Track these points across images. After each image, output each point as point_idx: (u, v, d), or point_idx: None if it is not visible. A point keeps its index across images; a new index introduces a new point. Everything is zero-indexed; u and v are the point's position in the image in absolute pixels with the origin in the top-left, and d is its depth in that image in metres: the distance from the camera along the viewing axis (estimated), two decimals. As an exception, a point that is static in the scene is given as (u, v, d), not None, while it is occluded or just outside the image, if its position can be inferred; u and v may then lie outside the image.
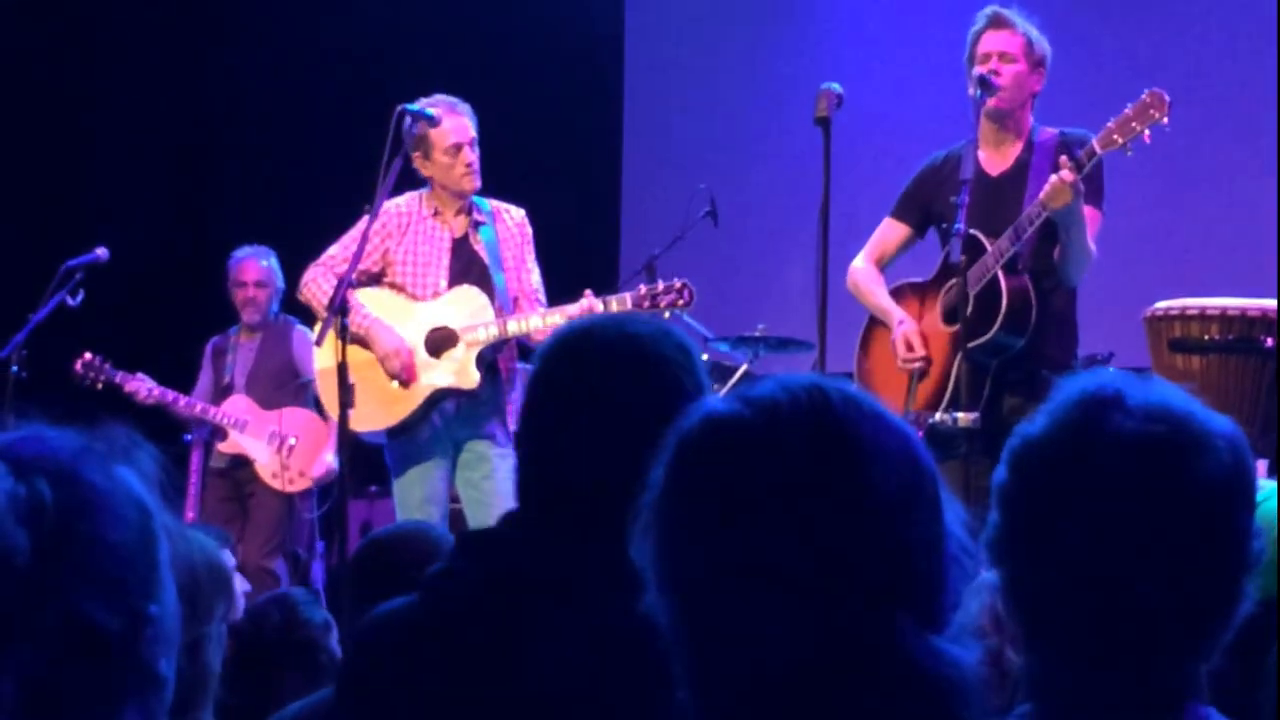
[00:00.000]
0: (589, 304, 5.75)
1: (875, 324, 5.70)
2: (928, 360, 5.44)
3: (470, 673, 2.02)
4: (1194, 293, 5.58)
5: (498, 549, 2.13)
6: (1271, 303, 5.40)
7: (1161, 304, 5.53)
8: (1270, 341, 5.30)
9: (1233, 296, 5.48)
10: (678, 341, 2.18)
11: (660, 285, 5.92)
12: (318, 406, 7.04)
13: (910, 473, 1.48)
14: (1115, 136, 5.11)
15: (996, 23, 5.37)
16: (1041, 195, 5.13)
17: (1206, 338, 5.38)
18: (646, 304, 5.84)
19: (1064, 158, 5.12)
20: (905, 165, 5.81)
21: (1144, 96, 5.11)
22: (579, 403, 2.11)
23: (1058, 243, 5.30)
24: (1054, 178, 5.10)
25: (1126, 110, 5.12)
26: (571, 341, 2.17)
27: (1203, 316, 5.41)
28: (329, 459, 7.46)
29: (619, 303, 5.85)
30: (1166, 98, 5.09)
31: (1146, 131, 5.08)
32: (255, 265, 7.77)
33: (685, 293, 5.88)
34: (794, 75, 8.78)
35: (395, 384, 5.86)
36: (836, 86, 5.29)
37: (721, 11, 9.67)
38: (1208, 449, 1.65)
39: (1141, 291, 5.59)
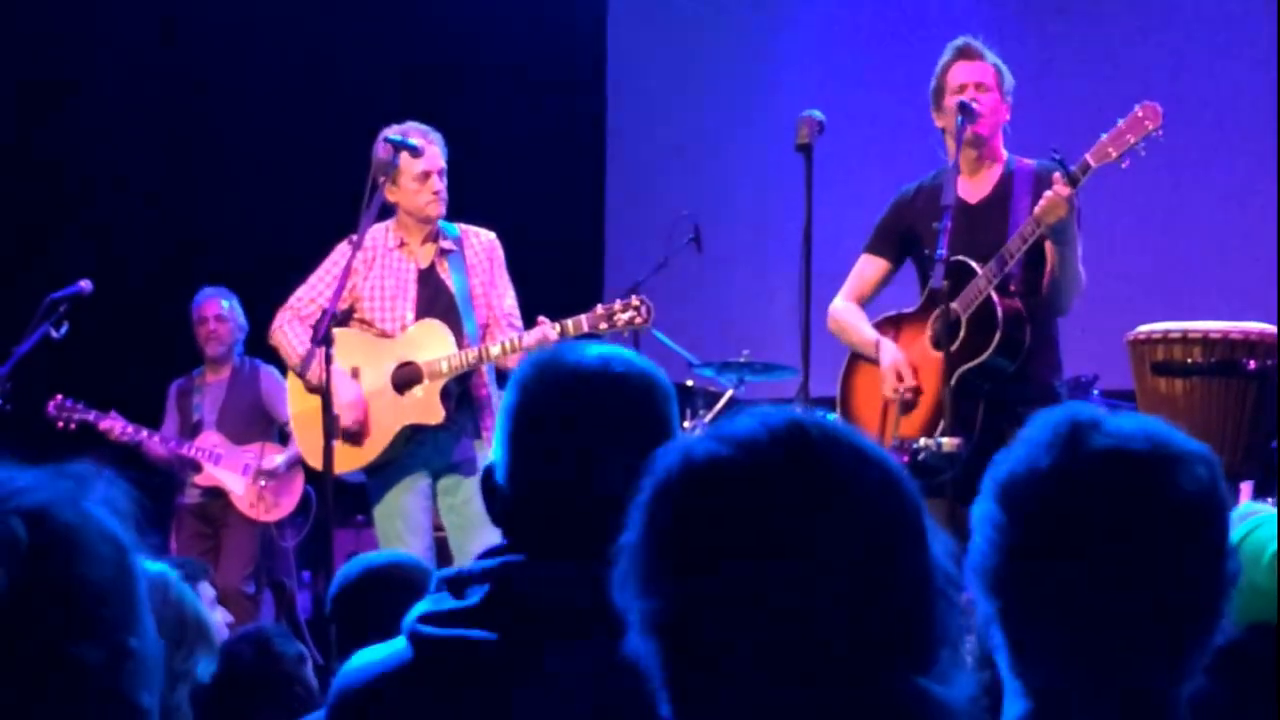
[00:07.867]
0: (546, 331, 5.65)
1: (856, 360, 5.65)
2: (918, 390, 5.42)
3: (470, 713, 1.99)
4: (1178, 315, 5.59)
5: (493, 583, 2.06)
6: (1254, 326, 5.41)
7: (1144, 327, 5.53)
8: (1253, 365, 5.30)
9: (1216, 320, 5.49)
10: (646, 362, 2.17)
11: (617, 303, 5.75)
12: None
13: (894, 506, 1.46)
14: (1109, 149, 5.12)
15: (967, 54, 5.40)
16: (1037, 211, 5.11)
17: (1189, 361, 5.38)
18: (604, 324, 5.70)
19: (1058, 174, 5.10)
20: (887, 191, 5.81)
21: (1136, 110, 5.12)
22: (569, 428, 2.08)
23: (1047, 269, 5.29)
24: (1049, 193, 5.09)
25: (1119, 124, 5.13)
26: (553, 369, 2.13)
27: (1185, 340, 5.41)
28: (305, 489, 7.70)
29: (575, 325, 5.69)
30: (1160, 109, 5.10)
31: (1141, 145, 5.09)
32: (215, 303, 7.91)
33: (643, 309, 5.72)
34: (776, 102, 8.81)
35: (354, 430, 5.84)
36: (818, 114, 5.30)
37: (705, 39, 9.69)
38: (1184, 464, 1.69)
39: (1125, 314, 5.59)
